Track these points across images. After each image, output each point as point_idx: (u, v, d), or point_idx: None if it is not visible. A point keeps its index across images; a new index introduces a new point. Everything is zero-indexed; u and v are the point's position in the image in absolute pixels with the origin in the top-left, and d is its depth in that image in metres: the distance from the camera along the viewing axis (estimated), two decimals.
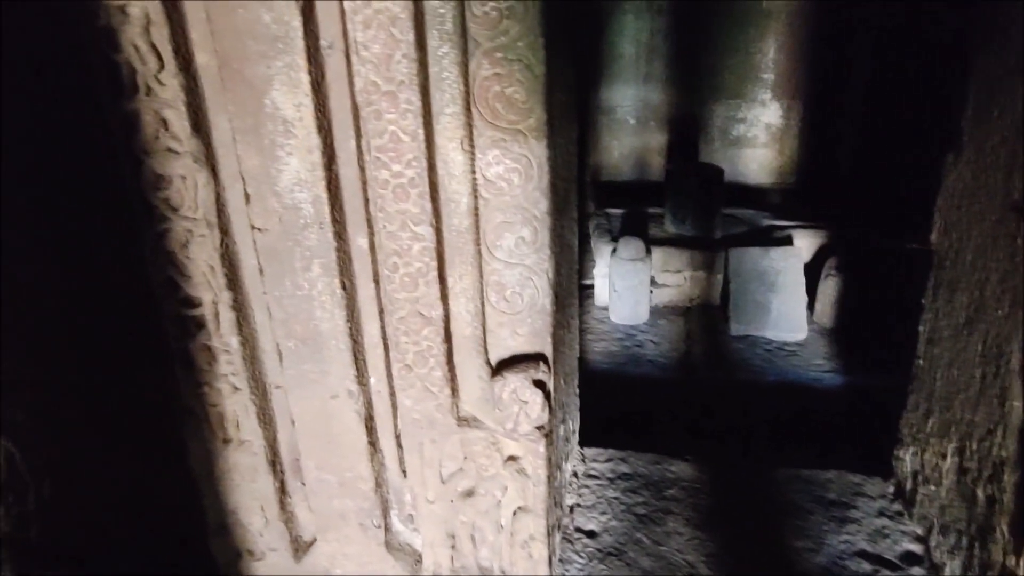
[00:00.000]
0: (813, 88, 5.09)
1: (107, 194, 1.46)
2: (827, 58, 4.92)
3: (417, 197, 1.27)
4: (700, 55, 5.20)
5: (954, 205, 1.59)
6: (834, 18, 4.81)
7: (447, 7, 1.18)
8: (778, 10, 4.97)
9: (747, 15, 5.03)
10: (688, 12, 5.10)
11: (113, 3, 1.22)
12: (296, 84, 1.22)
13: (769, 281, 3.43)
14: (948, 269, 1.62)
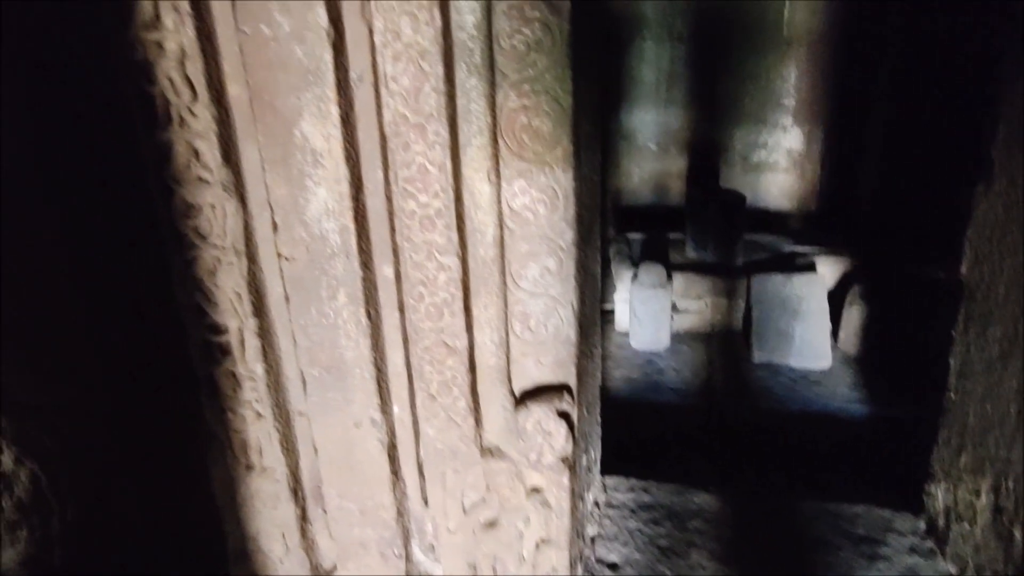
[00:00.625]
0: (835, 113, 5.08)
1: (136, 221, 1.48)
2: (849, 84, 4.91)
3: (443, 228, 1.28)
4: (720, 81, 5.21)
5: (985, 237, 1.57)
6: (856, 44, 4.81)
7: (476, 41, 1.20)
8: (798, 37, 4.98)
9: (767, 42, 5.05)
10: (708, 39, 5.12)
11: (150, 37, 1.25)
12: (325, 116, 1.24)
13: (792, 308, 3.39)
14: (980, 302, 1.59)
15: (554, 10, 1.19)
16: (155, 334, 1.59)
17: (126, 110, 1.34)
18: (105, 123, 1.42)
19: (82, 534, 1.83)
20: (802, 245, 4.07)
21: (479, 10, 1.18)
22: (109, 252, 1.54)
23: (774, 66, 5.11)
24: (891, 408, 3.02)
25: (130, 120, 1.36)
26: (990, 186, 1.57)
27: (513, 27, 1.20)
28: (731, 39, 5.08)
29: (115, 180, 1.46)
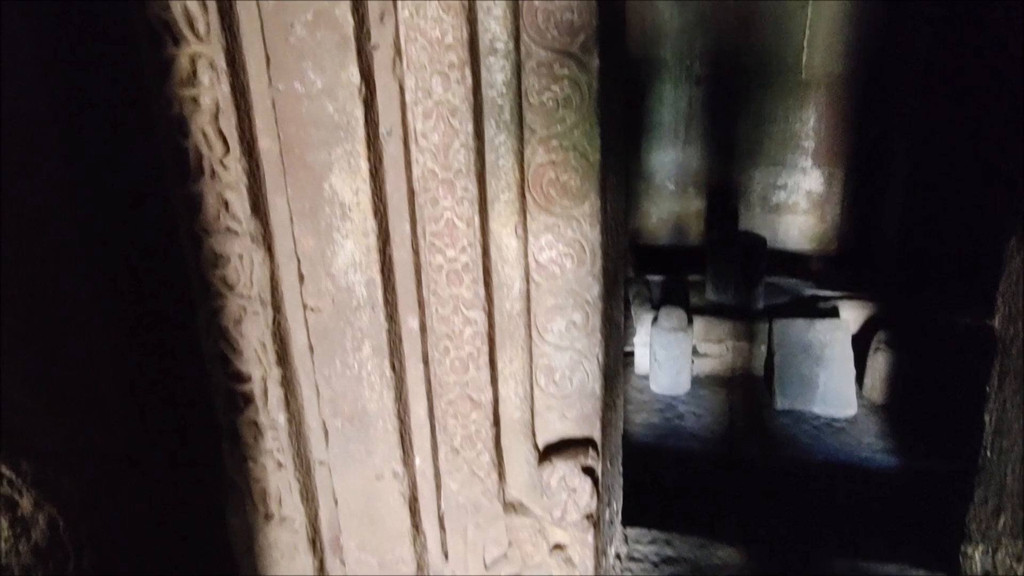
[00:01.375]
0: (855, 155, 5.07)
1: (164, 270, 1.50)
2: (869, 126, 4.91)
3: (470, 282, 1.27)
4: (739, 123, 5.23)
5: (1019, 292, 1.54)
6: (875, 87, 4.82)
7: (505, 98, 1.21)
8: (817, 80, 5.00)
9: (786, 85, 5.07)
10: (726, 81, 5.16)
11: (187, 93, 1.28)
12: (355, 170, 1.25)
13: (815, 354, 3.35)
14: (1015, 358, 1.56)
15: (583, 68, 1.20)
16: (179, 381, 1.60)
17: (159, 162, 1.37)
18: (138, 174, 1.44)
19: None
20: (824, 289, 4.03)
21: (509, 69, 1.19)
22: (138, 300, 1.55)
23: (793, 108, 5.13)
24: (920, 460, 2.94)
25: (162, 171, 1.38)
26: (1021, 241, 1.54)
27: (542, 84, 1.21)
28: (749, 81, 5.11)
29: (145, 230, 1.47)
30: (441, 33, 1.14)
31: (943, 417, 3.07)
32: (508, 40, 1.18)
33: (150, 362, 1.61)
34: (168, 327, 1.55)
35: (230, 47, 1.25)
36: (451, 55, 1.15)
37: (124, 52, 1.33)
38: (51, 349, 1.49)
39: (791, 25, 4.90)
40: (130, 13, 1.27)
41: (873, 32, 4.77)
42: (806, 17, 4.86)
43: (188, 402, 1.59)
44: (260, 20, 1.23)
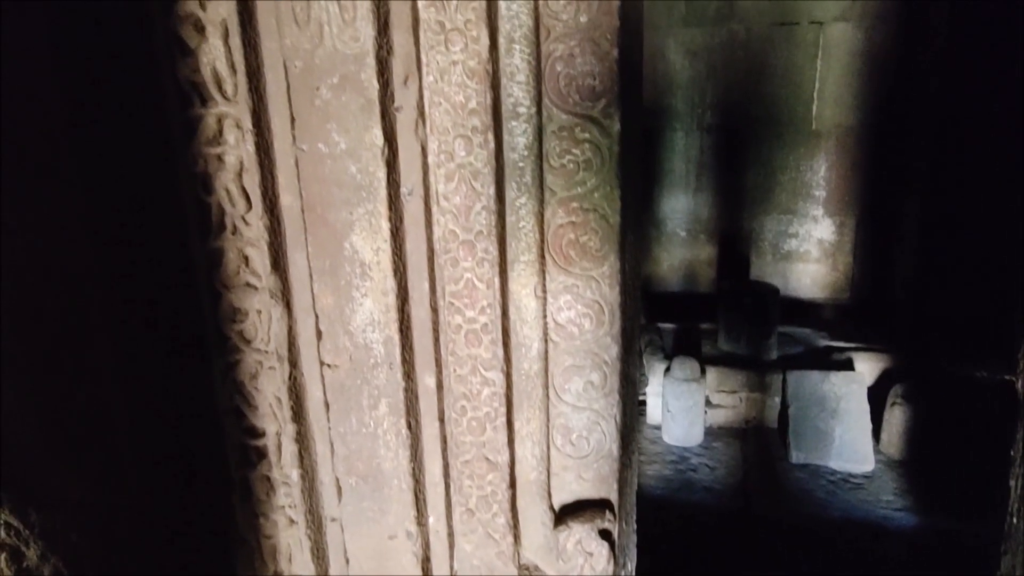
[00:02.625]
0: (867, 204, 5.09)
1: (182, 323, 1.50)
2: (880, 176, 4.94)
3: (489, 343, 1.27)
4: (749, 172, 5.27)
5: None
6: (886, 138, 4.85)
7: (527, 161, 1.22)
8: (827, 131, 5.05)
9: (796, 135, 5.12)
10: (736, 131, 5.22)
11: (212, 152, 1.30)
12: (376, 230, 1.26)
13: (830, 407, 3.30)
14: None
15: (604, 132, 1.22)
16: (191, 435, 1.59)
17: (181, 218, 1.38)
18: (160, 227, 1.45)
19: None
20: (838, 340, 4.01)
21: (531, 132, 1.20)
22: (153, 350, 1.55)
23: (804, 158, 5.17)
24: (940, 519, 2.88)
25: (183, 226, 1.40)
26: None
27: (563, 147, 1.22)
28: (760, 131, 5.17)
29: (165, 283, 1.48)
30: (465, 98, 1.16)
31: (963, 474, 3.01)
32: (530, 105, 1.19)
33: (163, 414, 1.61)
34: (182, 380, 1.55)
35: (256, 108, 1.28)
36: (474, 119, 1.17)
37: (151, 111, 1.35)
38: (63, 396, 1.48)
39: (801, 78, 4.97)
40: (160, 75, 1.30)
41: (882, 84, 4.83)
42: (816, 70, 4.93)
43: (200, 456, 1.58)
44: (287, 82, 1.26)
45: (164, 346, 1.54)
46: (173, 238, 1.42)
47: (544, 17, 1.18)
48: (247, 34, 1.25)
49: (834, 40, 4.84)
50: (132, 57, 1.34)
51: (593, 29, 1.18)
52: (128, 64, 1.35)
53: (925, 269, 4.62)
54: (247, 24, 1.24)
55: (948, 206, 4.44)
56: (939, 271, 4.49)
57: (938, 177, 4.51)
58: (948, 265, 4.42)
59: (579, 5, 1.16)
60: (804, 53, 4.92)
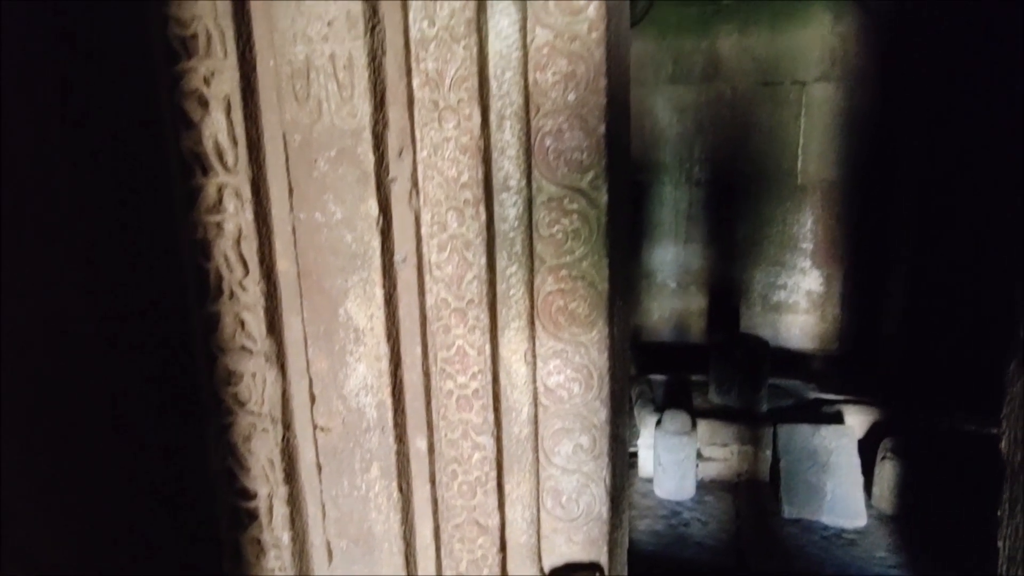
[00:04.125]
0: (853, 256, 5.17)
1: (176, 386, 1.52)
2: (865, 229, 5.03)
3: (480, 408, 1.29)
4: (738, 224, 5.36)
5: (1022, 419, 1.55)
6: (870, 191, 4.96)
7: (517, 231, 1.26)
8: (813, 185, 5.16)
9: (782, 189, 5.23)
10: (725, 185, 5.32)
11: (211, 219, 1.34)
12: (370, 297, 1.29)
13: (821, 461, 3.31)
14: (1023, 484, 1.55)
15: (592, 203, 1.27)
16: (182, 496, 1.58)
17: (180, 283, 1.41)
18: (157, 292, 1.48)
19: None
20: (828, 392, 4.02)
21: (521, 204, 1.25)
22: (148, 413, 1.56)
23: (790, 211, 5.27)
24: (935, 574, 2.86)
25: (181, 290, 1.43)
26: (1021, 368, 1.57)
27: (552, 217, 1.27)
28: (748, 185, 5.28)
29: (160, 346, 1.50)
30: (457, 172, 1.21)
31: (955, 529, 3.00)
32: (520, 178, 1.24)
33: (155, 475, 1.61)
34: (175, 441, 1.55)
35: (256, 178, 1.32)
36: (466, 192, 1.21)
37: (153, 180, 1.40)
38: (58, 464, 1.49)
39: (786, 134, 5.10)
40: (164, 146, 1.35)
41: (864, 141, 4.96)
42: (800, 127, 5.07)
43: (191, 518, 1.58)
44: (286, 154, 1.31)
45: (158, 408, 1.56)
46: (170, 302, 1.45)
47: (534, 95, 1.23)
48: (249, 108, 1.30)
49: (816, 99, 4.99)
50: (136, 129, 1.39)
51: (581, 106, 1.23)
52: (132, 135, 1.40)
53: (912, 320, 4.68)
54: (249, 99, 1.30)
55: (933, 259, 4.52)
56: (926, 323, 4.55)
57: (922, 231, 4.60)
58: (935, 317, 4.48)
59: (567, 83, 1.22)
60: (788, 111, 5.06)
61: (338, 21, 1.20)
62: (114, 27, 1.35)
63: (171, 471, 1.59)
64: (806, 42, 5.00)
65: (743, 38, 5.14)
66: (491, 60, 1.21)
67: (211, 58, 1.28)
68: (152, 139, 1.37)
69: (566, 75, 1.22)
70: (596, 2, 1.20)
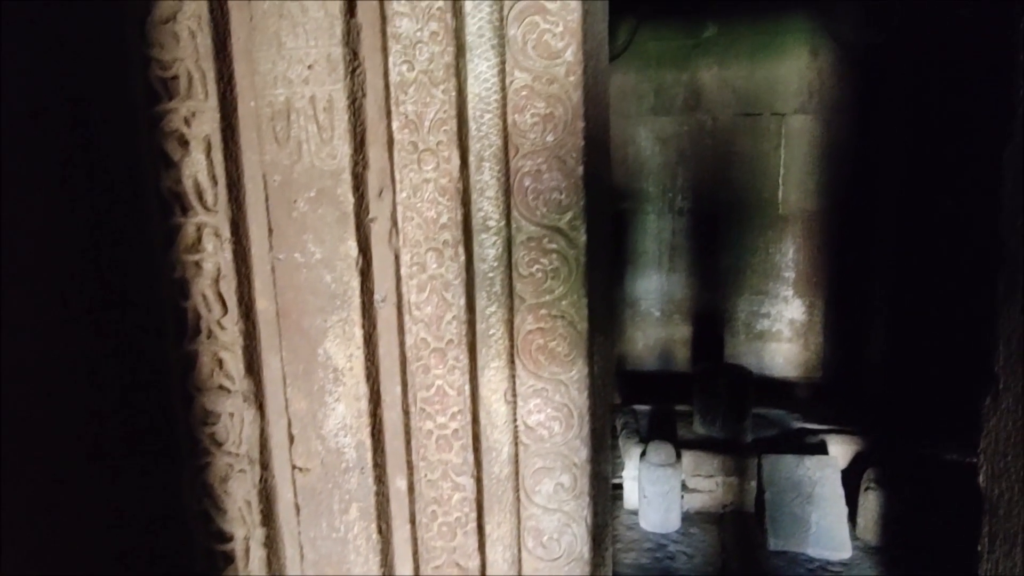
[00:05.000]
0: (834, 285, 5.22)
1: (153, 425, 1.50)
2: (846, 257, 5.09)
3: (460, 449, 1.29)
4: (721, 253, 5.41)
5: (999, 452, 1.56)
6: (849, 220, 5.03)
7: (496, 271, 1.27)
8: (794, 215, 5.22)
9: (765, 218, 5.29)
10: (708, 214, 5.38)
11: (190, 259, 1.33)
12: (350, 337, 1.29)
13: (806, 492, 3.31)
14: (1003, 519, 1.55)
15: (571, 243, 1.28)
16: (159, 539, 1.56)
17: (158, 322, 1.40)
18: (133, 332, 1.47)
19: None
20: (811, 422, 4.03)
21: (500, 244, 1.26)
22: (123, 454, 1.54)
23: (772, 240, 5.32)
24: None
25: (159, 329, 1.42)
26: (997, 401, 1.58)
27: (532, 257, 1.28)
28: (730, 215, 5.33)
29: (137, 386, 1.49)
30: (437, 214, 1.22)
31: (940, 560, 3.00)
32: (500, 218, 1.25)
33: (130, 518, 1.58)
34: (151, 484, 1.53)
35: (235, 217, 1.32)
36: (445, 234, 1.22)
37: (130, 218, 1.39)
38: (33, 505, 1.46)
39: (766, 164, 5.17)
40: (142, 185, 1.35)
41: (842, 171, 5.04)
42: (780, 158, 5.14)
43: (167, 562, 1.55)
44: (266, 194, 1.31)
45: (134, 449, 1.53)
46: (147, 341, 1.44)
47: (512, 136, 1.25)
48: (229, 148, 1.31)
49: (795, 130, 5.07)
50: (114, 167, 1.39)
51: (559, 147, 1.25)
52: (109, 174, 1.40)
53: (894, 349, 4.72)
54: (229, 139, 1.30)
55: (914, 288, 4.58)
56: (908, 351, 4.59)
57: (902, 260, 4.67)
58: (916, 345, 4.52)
59: (546, 125, 1.24)
60: (768, 142, 5.14)
61: (318, 65, 1.21)
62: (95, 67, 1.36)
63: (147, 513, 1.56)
64: (784, 75, 5.10)
65: (723, 71, 5.23)
66: (470, 103, 1.22)
67: (192, 99, 1.29)
68: (130, 178, 1.37)
69: (544, 117, 1.23)
70: (573, 46, 1.22)
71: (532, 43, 1.22)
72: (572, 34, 1.21)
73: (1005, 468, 1.56)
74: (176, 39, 1.28)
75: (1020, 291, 1.47)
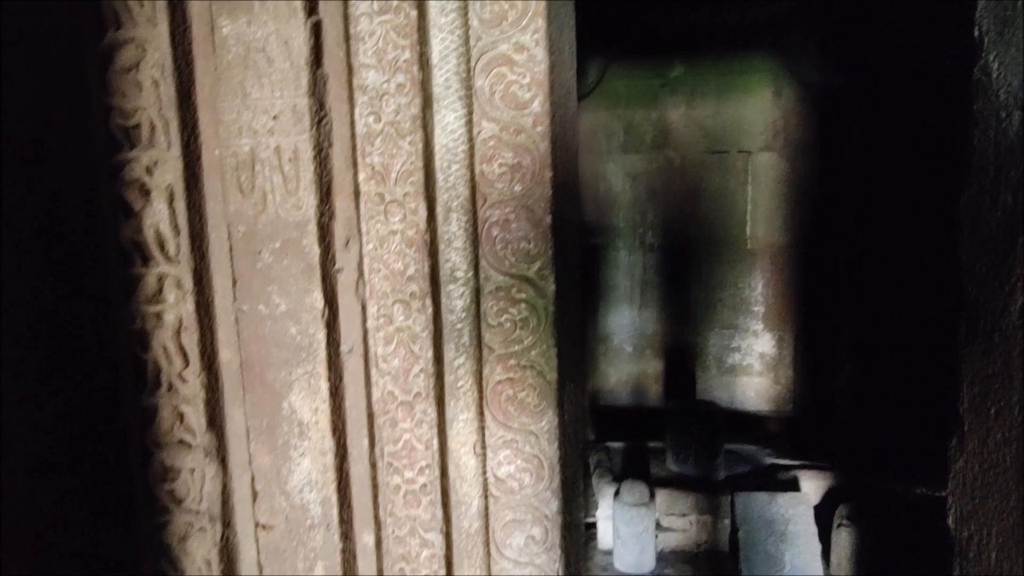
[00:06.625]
0: (803, 319, 5.28)
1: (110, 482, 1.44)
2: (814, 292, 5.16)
3: (428, 504, 1.26)
4: (691, 288, 5.46)
5: (967, 495, 1.57)
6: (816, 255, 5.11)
7: (464, 322, 1.25)
8: (762, 250, 5.30)
9: (734, 253, 5.36)
10: (677, 250, 5.43)
11: (150, 310, 1.30)
12: (315, 391, 1.26)
13: (779, 530, 3.30)
14: (973, 562, 1.56)
15: (540, 292, 1.27)
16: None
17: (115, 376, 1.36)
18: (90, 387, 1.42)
19: None
20: (783, 457, 4.04)
21: (468, 295, 1.25)
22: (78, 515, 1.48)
23: (741, 275, 5.39)
24: None
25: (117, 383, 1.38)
26: (963, 443, 1.60)
27: (501, 307, 1.27)
28: (699, 250, 5.39)
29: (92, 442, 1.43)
30: (403, 266, 1.21)
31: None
32: (468, 268, 1.24)
33: None
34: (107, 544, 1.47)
35: (198, 268, 1.30)
36: (412, 286, 1.21)
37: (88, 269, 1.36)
38: None
39: (734, 201, 5.26)
40: (102, 234, 1.32)
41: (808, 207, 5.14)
42: (747, 194, 5.24)
43: None
44: (230, 244, 1.29)
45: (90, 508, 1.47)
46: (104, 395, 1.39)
47: (480, 186, 1.25)
48: (192, 198, 1.29)
49: (762, 167, 5.18)
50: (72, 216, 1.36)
51: (527, 197, 1.25)
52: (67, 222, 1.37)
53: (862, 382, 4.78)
54: (193, 189, 1.28)
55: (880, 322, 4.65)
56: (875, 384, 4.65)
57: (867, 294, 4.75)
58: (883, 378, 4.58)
59: (513, 175, 1.24)
60: (735, 179, 5.23)
61: (284, 115, 1.21)
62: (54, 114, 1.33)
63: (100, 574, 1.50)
64: (750, 114, 5.21)
65: (690, 109, 5.33)
66: (437, 153, 1.22)
67: (155, 148, 1.27)
68: (89, 227, 1.34)
69: (512, 167, 1.23)
70: (540, 97, 1.23)
71: (500, 94, 1.22)
72: (539, 85, 1.22)
73: (973, 510, 1.57)
74: (139, 88, 1.26)
75: (981, 335, 1.50)
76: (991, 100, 1.26)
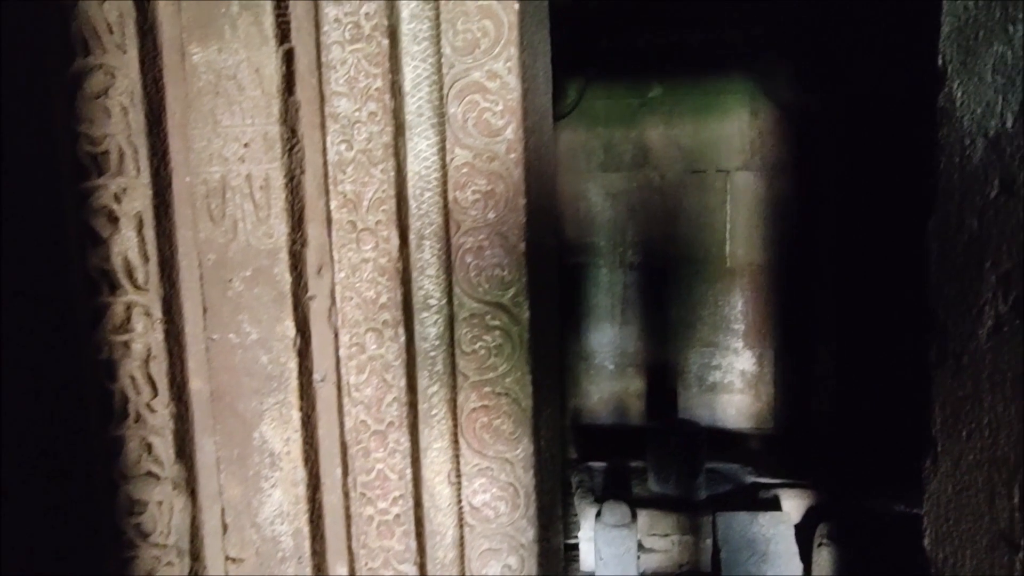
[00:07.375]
0: (782, 337, 5.32)
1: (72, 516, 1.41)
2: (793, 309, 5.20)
3: (402, 535, 1.24)
4: (672, 306, 5.47)
5: (942, 516, 1.58)
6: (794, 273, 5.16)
7: (438, 350, 1.24)
8: (741, 268, 5.34)
9: (713, 272, 5.39)
10: (658, 268, 5.46)
11: (118, 339, 1.28)
12: (287, 420, 1.24)
13: (760, 551, 3.29)
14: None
15: (514, 319, 1.26)
16: None
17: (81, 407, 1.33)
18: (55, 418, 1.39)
19: None
20: (764, 475, 4.05)
21: (442, 322, 1.24)
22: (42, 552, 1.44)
23: (721, 293, 5.42)
24: None
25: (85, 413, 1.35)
26: (936, 464, 1.60)
27: (475, 334, 1.26)
28: (679, 268, 5.42)
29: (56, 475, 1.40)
30: (376, 294, 1.20)
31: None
32: (441, 296, 1.24)
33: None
34: None
35: (168, 296, 1.28)
36: (385, 314, 1.20)
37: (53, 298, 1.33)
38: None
39: (713, 219, 5.30)
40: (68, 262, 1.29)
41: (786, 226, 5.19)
42: (726, 213, 5.28)
43: None
44: (200, 272, 1.27)
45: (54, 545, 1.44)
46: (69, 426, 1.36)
47: (454, 213, 1.24)
48: (162, 225, 1.27)
49: (740, 187, 5.23)
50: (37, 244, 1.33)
51: (501, 224, 1.24)
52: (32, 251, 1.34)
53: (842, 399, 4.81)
54: (163, 216, 1.27)
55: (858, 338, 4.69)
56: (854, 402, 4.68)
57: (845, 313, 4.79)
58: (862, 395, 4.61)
59: (487, 202, 1.24)
60: (714, 198, 5.28)
61: (255, 143, 1.20)
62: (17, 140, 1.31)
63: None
64: (727, 133, 5.27)
65: (669, 129, 5.38)
66: (410, 181, 1.22)
67: (123, 175, 1.26)
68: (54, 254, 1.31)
69: (486, 194, 1.23)
70: (514, 124, 1.23)
71: (472, 121, 1.22)
72: (512, 112, 1.22)
73: (948, 532, 1.57)
74: (108, 114, 1.25)
75: (950, 357, 1.51)
76: (955, 127, 1.28)
